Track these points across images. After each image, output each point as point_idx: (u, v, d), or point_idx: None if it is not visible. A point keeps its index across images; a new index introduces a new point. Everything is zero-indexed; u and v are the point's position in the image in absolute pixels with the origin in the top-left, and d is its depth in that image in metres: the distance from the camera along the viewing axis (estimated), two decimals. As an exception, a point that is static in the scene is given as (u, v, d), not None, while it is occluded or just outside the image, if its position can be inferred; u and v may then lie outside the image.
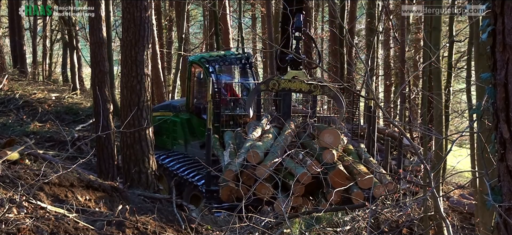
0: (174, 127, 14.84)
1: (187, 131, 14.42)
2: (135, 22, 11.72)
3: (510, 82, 2.77)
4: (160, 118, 15.07)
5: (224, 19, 23.98)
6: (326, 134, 11.36)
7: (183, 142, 14.48)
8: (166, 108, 15.74)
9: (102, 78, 12.56)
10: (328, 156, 10.81)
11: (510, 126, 2.80)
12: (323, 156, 10.81)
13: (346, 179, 10.59)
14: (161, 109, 15.81)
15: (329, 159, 10.79)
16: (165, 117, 15.13)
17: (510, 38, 2.75)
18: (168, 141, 15.00)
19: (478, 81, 6.39)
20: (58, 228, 6.71)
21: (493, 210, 3.20)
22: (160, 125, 14.88)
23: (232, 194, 10.49)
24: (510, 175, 2.86)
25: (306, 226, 8.15)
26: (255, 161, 10.68)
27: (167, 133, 15.05)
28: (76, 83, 25.39)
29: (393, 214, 9.51)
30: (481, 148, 5.46)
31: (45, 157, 11.67)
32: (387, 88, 26.05)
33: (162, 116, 15.21)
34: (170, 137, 14.96)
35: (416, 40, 22.85)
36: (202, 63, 13.96)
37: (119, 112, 12.90)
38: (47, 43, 31.41)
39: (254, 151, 10.81)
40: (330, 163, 10.86)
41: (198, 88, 14.38)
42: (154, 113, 15.42)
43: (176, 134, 14.76)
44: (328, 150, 10.94)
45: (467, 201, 11.53)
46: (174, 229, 8.50)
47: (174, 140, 14.84)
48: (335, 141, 11.24)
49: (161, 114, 15.29)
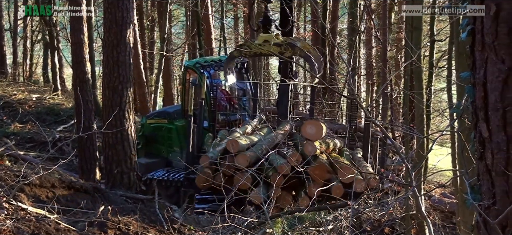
0: (169, 134, 14.55)
1: (182, 138, 13.94)
2: (117, 23, 11.67)
3: (489, 81, 2.79)
4: (154, 126, 14.90)
5: (206, 19, 23.99)
6: (308, 125, 11.16)
7: (179, 149, 14.14)
8: (160, 116, 15.49)
9: (84, 78, 12.50)
10: (309, 148, 10.70)
11: (489, 125, 2.82)
12: (305, 148, 10.74)
13: (327, 173, 10.53)
14: (155, 117, 15.57)
15: (311, 151, 10.64)
16: (160, 124, 14.93)
17: (489, 38, 2.77)
18: (163, 148, 14.71)
19: (458, 80, 6.44)
20: (39, 229, 6.67)
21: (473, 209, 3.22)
22: (155, 132, 14.72)
23: (208, 181, 10.44)
24: (489, 174, 2.88)
25: (289, 226, 8.16)
26: (234, 150, 10.52)
27: (162, 141, 14.76)
28: (57, 84, 25.19)
29: (375, 213, 9.54)
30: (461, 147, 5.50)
31: (25, 158, 11.59)
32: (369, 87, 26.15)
33: (157, 123, 14.99)
34: (165, 145, 14.66)
35: (397, 39, 22.93)
36: (197, 69, 13.84)
37: (101, 113, 12.84)
38: (27, 44, 31.19)
39: (233, 140, 10.73)
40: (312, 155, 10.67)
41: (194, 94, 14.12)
42: (148, 120, 15.34)
43: (171, 141, 14.47)
44: (310, 142, 10.87)
45: (448, 200, 11.60)
46: (157, 229, 8.47)
47: (169, 147, 14.55)
48: (317, 133, 11.06)
49: (155, 122, 15.07)
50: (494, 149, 2.81)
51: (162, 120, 14.98)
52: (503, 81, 2.71)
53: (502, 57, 2.71)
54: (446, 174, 14.94)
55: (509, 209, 2.75)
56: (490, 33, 2.75)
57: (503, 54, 2.70)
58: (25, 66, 30.66)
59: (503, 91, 2.72)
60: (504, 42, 2.69)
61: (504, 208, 2.79)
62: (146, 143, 14.89)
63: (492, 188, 2.87)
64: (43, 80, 29.35)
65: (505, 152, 2.76)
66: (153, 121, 15.09)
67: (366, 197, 9.76)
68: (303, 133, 11.12)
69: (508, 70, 2.69)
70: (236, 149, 10.54)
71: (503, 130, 2.75)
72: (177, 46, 33.27)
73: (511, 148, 2.74)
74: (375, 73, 26.10)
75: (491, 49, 2.76)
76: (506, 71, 2.69)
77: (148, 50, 27.81)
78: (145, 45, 27.17)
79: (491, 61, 2.77)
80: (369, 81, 25.95)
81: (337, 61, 24.19)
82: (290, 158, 10.48)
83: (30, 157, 12.56)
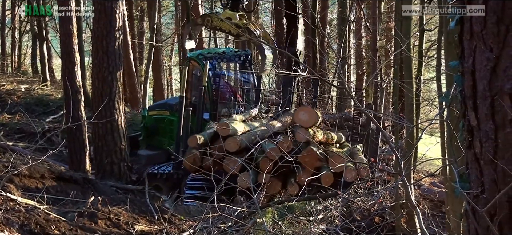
0: (171, 126, 14.19)
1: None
2: (106, 13, 11.64)
3: (477, 70, 2.79)
4: (156, 117, 14.76)
5: (196, 10, 23.91)
6: (301, 111, 11.10)
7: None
8: (162, 107, 15.23)
9: (73, 69, 12.42)
10: (301, 135, 10.63)
11: (477, 114, 2.83)
12: (296, 135, 10.70)
13: (317, 161, 10.48)
14: (157, 108, 15.37)
15: (302, 138, 10.58)
16: (161, 116, 14.71)
17: (477, 26, 2.77)
18: (165, 140, 14.33)
19: (447, 69, 6.46)
20: (29, 220, 6.65)
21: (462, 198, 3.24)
22: (156, 124, 14.60)
23: (196, 162, 10.39)
24: (477, 163, 2.89)
25: (279, 216, 8.18)
26: (224, 133, 10.49)
27: (164, 133, 14.50)
28: (46, 75, 25.06)
29: (365, 202, 9.58)
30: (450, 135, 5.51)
31: (14, 149, 11.55)
32: (359, 77, 26.17)
33: (159, 115, 14.79)
34: (167, 137, 14.33)
35: (387, 29, 22.97)
36: (200, 60, 13.74)
37: (91, 104, 12.80)
38: (16, 35, 31.01)
39: (223, 123, 10.70)
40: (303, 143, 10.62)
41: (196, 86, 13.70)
42: (150, 112, 15.21)
43: (173, 133, 14.00)
44: (302, 128, 10.79)
45: (438, 189, 11.66)
46: (147, 220, 8.48)
47: (171, 139, 14.04)
48: (310, 119, 10.98)
49: (157, 113, 14.88)
50: (482, 137, 2.82)
51: (164, 111, 14.76)
52: (491, 70, 2.72)
53: (490, 46, 2.71)
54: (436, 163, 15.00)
55: (497, 197, 2.76)
56: (478, 22, 2.76)
57: (491, 43, 2.70)
58: (13, 57, 30.50)
59: (491, 80, 2.73)
60: (492, 31, 2.70)
61: (493, 196, 2.80)
62: (148, 135, 14.74)
63: (481, 176, 2.88)
64: (32, 71, 29.20)
65: (493, 140, 2.77)
66: (154, 112, 14.94)
67: (356, 187, 9.78)
68: (296, 119, 11.07)
69: (496, 59, 2.69)
70: (227, 133, 10.50)
71: (491, 119, 2.75)
72: (167, 37, 33.18)
73: (499, 137, 2.74)
74: (365, 63, 26.13)
75: (479, 38, 2.76)
76: (495, 60, 2.70)
77: (138, 41, 27.71)
78: (134, 36, 27.08)
79: (479, 50, 2.77)
80: (359, 71, 26.02)
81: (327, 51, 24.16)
82: (280, 143, 10.44)
83: (19, 148, 12.51)
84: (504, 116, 2.70)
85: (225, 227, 7.67)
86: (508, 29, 2.65)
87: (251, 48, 20.94)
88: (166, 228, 7.51)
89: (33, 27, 28.07)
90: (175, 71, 38.01)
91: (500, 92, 2.70)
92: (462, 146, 3.22)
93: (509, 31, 2.65)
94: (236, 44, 26.89)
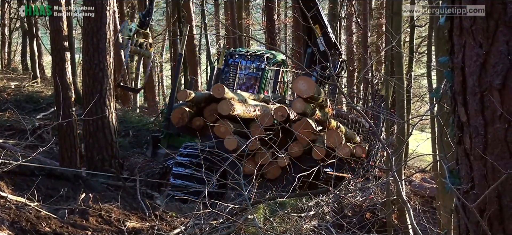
0: None
1: None
2: (96, 10, 11.60)
3: (467, 66, 2.80)
4: None
5: (186, 6, 23.89)
6: (301, 80, 10.72)
7: None
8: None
9: (63, 66, 12.36)
10: (297, 105, 10.42)
11: (467, 109, 2.84)
12: (293, 105, 10.59)
13: (311, 134, 10.31)
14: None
15: (298, 108, 10.41)
16: None
17: (467, 22, 2.78)
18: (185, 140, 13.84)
19: (437, 65, 6.47)
20: (20, 217, 6.63)
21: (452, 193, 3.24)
22: None
23: (183, 117, 10.40)
24: (467, 158, 2.90)
25: (271, 212, 8.18)
26: (219, 95, 10.38)
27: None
28: (37, 72, 24.97)
29: (356, 198, 9.59)
30: (440, 131, 5.53)
31: (4, 146, 11.51)
32: (350, 73, 26.22)
33: None
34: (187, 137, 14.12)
35: (378, 25, 23.03)
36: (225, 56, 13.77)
37: (82, 100, 12.76)
38: (5, 32, 30.87)
39: (220, 85, 10.66)
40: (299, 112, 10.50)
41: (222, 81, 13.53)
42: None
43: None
44: (299, 98, 10.51)
45: (429, 185, 11.70)
46: (138, 216, 8.47)
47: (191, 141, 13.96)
48: (309, 89, 10.46)
49: None
50: (472, 133, 2.83)
51: None
52: (480, 66, 2.73)
53: (479, 42, 2.72)
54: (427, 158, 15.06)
55: (487, 192, 2.77)
56: (468, 18, 2.77)
57: (481, 39, 2.71)
58: (3, 54, 30.36)
59: (480, 76, 2.74)
60: (481, 27, 2.71)
61: (482, 192, 2.81)
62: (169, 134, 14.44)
63: (471, 172, 2.89)
64: (22, 68, 29.11)
65: (483, 136, 2.78)
66: None
67: (347, 183, 9.78)
68: (294, 88, 10.93)
69: (486, 54, 2.70)
70: (222, 94, 10.39)
71: (481, 114, 2.76)
72: (158, 33, 33.08)
73: (489, 132, 2.75)
74: (356, 59, 26.18)
75: (469, 34, 2.77)
76: (484, 55, 2.71)
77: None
78: (125, 32, 26.95)
79: (469, 45, 2.78)
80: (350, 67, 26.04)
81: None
82: (276, 111, 10.42)
83: (10, 145, 12.46)
84: (494, 112, 2.71)
85: (217, 224, 7.67)
86: (498, 25, 2.66)
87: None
88: (157, 224, 7.51)
89: (23, 24, 27.95)
90: (166, 67, 37.92)
91: (489, 87, 2.71)
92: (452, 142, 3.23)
93: (499, 27, 2.66)
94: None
